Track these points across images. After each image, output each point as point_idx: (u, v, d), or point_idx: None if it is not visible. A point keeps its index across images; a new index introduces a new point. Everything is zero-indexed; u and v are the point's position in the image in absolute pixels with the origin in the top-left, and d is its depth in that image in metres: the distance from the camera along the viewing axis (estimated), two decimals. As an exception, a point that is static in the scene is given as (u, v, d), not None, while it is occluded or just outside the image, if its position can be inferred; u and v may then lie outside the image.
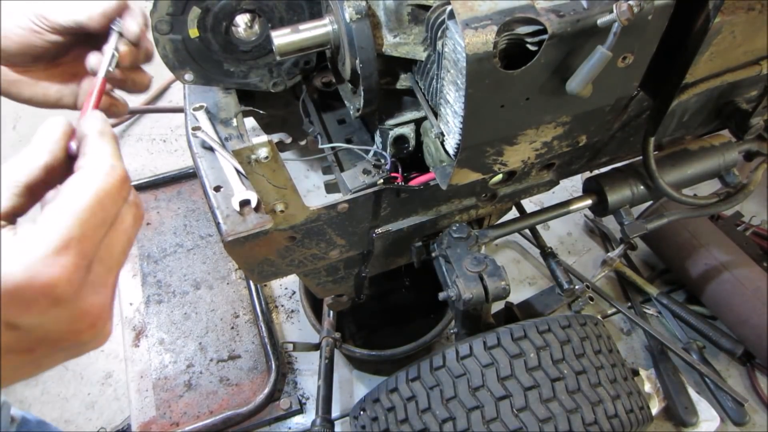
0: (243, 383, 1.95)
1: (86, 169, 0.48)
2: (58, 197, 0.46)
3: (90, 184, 0.47)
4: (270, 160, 1.07)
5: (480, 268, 1.19)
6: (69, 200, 0.46)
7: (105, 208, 0.48)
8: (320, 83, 1.41)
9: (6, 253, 0.43)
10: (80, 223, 0.46)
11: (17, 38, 0.77)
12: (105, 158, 0.49)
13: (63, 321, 0.46)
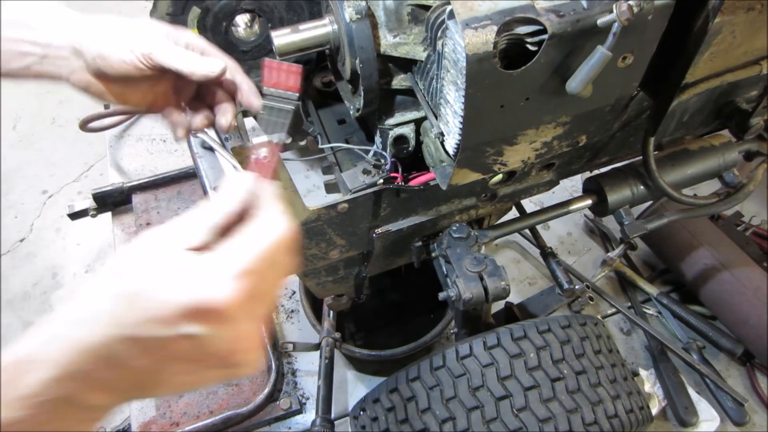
0: (243, 383, 1.95)
1: (270, 221, 0.57)
2: (241, 236, 0.55)
3: (273, 232, 0.56)
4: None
5: (480, 268, 1.19)
6: (254, 240, 0.55)
7: (279, 255, 0.56)
8: (320, 83, 1.41)
9: (192, 271, 0.51)
10: (260, 260, 0.54)
11: (117, 67, 0.80)
12: (284, 217, 0.58)
13: (227, 340, 0.53)
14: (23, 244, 2.66)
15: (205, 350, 0.53)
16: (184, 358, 0.53)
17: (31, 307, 2.43)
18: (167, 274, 0.51)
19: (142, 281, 0.51)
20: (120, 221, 2.22)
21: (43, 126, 3.15)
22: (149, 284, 0.51)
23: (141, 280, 0.51)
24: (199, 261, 0.53)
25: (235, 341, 0.54)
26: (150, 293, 0.51)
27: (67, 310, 0.52)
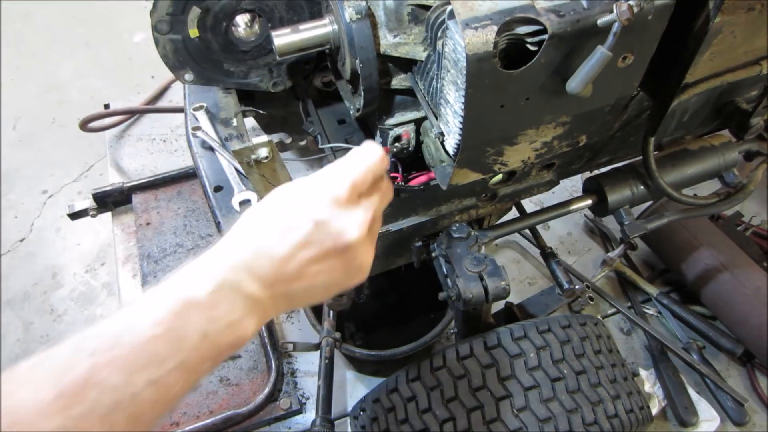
0: (243, 383, 1.95)
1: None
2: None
3: (364, 152, 0.73)
4: (270, 160, 1.07)
5: (480, 268, 1.19)
6: (351, 158, 0.73)
7: (367, 165, 0.72)
8: (320, 83, 1.41)
9: (338, 216, 0.68)
10: (353, 166, 0.72)
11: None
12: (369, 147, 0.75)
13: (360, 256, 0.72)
14: (23, 244, 2.65)
15: (324, 232, 0.67)
16: (312, 243, 0.67)
17: (31, 307, 2.43)
18: (332, 211, 0.68)
19: (320, 213, 0.68)
20: (120, 221, 2.22)
21: (43, 126, 3.15)
22: (324, 214, 0.68)
23: (319, 211, 0.68)
24: (350, 207, 0.69)
25: (345, 221, 0.68)
26: (322, 220, 0.67)
27: (249, 220, 0.68)
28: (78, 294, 2.47)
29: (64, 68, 3.47)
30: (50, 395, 0.49)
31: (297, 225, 0.66)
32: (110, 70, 3.44)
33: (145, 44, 3.52)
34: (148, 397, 0.54)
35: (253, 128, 1.61)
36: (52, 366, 0.52)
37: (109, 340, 0.54)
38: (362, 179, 0.71)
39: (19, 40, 3.65)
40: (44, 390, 0.50)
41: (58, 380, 0.51)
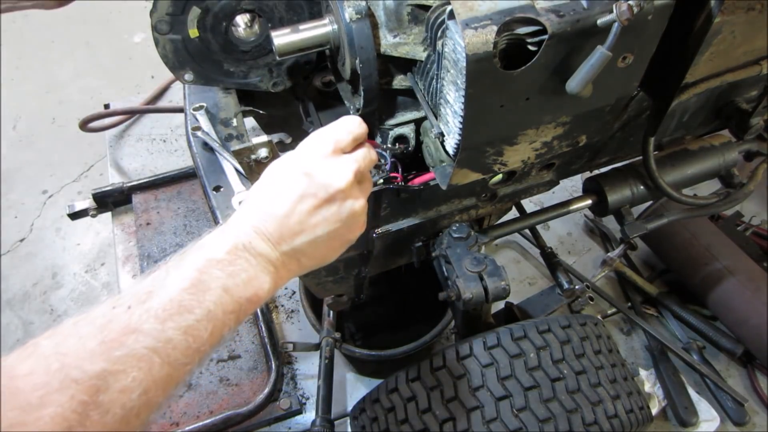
0: (243, 383, 1.95)
1: (367, 150, 0.86)
2: (358, 152, 0.84)
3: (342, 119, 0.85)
4: (270, 160, 1.07)
5: (480, 268, 1.19)
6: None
7: (343, 125, 0.83)
8: (320, 83, 1.41)
9: (332, 163, 0.79)
10: (331, 127, 0.83)
11: None
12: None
13: (350, 203, 0.80)
14: (23, 244, 2.66)
15: (314, 181, 0.76)
16: (305, 195, 0.76)
17: (31, 307, 2.43)
18: (320, 164, 0.79)
19: (310, 167, 0.78)
20: (120, 221, 2.23)
21: (43, 126, 3.15)
22: (313, 167, 0.78)
23: (308, 165, 0.78)
24: (335, 159, 0.80)
25: (329, 168, 0.78)
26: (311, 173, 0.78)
27: (252, 193, 0.79)
28: (78, 294, 2.47)
29: (64, 68, 3.47)
30: (94, 342, 0.57)
31: (291, 182, 0.76)
32: (110, 70, 3.44)
33: (145, 44, 3.52)
34: (181, 343, 0.61)
35: (253, 128, 1.61)
36: (93, 319, 0.60)
37: (143, 295, 0.62)
38: (342, 137, 0.81)
39: (19, 40, 3.65)
40: (89, 339, 0.57)
41: (100, 330, 0.58)
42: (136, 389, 0.56)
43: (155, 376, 0.58)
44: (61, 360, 0.54)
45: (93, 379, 0.54)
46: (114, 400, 0.55)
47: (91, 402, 0.53)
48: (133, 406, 0.56)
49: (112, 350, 0.57)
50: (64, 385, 0.53)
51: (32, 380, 0.52)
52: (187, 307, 0.62)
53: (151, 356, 0.58)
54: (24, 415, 0.50)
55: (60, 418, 0.51)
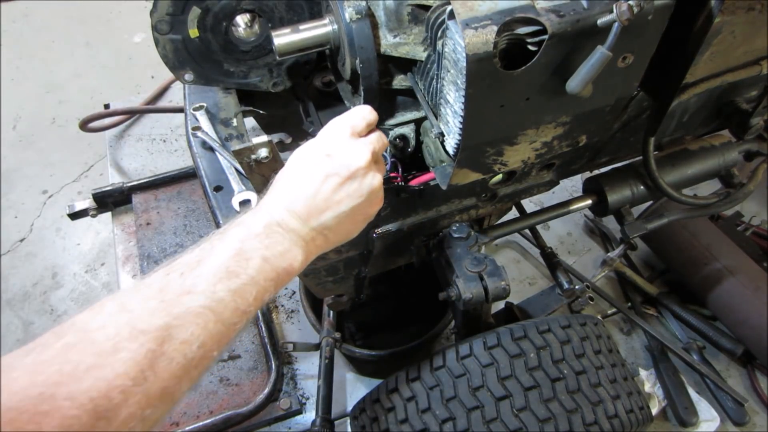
0: (243, 383, 1.95)
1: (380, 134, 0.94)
2: (372, 135, 0.93)
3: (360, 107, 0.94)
4: (270, 160, 1.07)
5: (480, 268, 1.19)
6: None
7: (359, 111, 0.92)
8: (320, 83, 1.41)
9: (353, 144, 0.89)
10: (349, 113, 0.92)
11: None
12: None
13: (370, 178, 0.89)
14: (23, 244, 2.66)
15: (337, 161, 0.85)
16: (329, 174, 0.84)
17: (31, 307, 2.43)
18: (340, 146, 0.88)
19: (331, 149, 0.87)
20: (120, 221, 2.22)
21: (43, 126, 3.15)
22: (334, 149, 0.87)
23: (330, 148, 0.87)
24: (354, 141, 0.89)
25: (351, 149, 0.87)
26: (333, 154, 0.86)
27: (280, 177, 0.87)
28: (78, 294, 2.47)
29: (64, 68, 3.47)
30: (155, 302, 0.64)
31: (315, 164, 0.85)
32: (110, 70, 3.44)
33: (145, 44, 3.52)
34: (230, 303, 0.69)
35: (253, 128, 1.61)
36: (150, 285, 0.67)
37: (194, 262, 0.70)
38: (357, 122, 0.90)
39: (19, 40, 3.65)
40: (149, 299, 0.65)
41: (159, 292, 0.66)
42: (194, 342, 0.64)
43: (210, 331, 0.66)
44: (127, 315, 0.62)
45: (158, 331, 0.62)
46: (177, 350, 0.62)
47: (158, 350, 0.61)
48: (193, 357, 0.64)
49: (172, 307, 0.65)
50: (133, 335, 0.60)
51: (105, 332, 0.59)
52: (233, 272, 0.71)
53: (206, 313, 0.66)
54: (101, 359, 0.57)
55: (132, 361, 0.58)
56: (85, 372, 0.56)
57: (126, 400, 0.57)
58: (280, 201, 0.83)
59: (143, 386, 0.59)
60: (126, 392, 0.57)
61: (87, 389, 0.55)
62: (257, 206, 0.84)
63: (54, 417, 0.52)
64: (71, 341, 0.58)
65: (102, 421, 0.55)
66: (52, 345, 0.58)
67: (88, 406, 0.54)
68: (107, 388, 0.56)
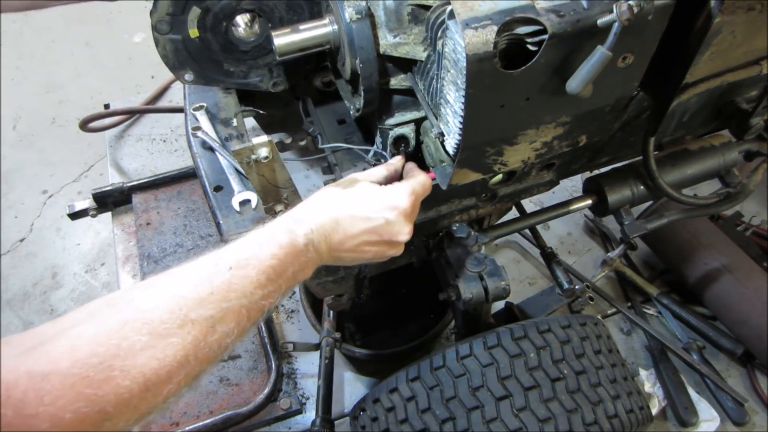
0: (243, 383, 1.95)
1: (419, 177, 1.04)
2: (407, 182, 1.01)
3: (423, 180, 1.04)
4: (270, 160, 1.07)
5: (480, 268, 1.19)
6: (414, 182, 1.01)
7: (423, 192, 1.02)
8: (320, 83, 1.41)
9: (384, 192, 0.97)
10: (416, 190, 1.00)
11: None
12: (425, 177, 1.05)
13: (400, 224, 0.97)
14: (23, 244, 2.66)
15: (389, 228, 0.95)
16: (376, 233, 0.94)
17: (31, 307, 2.43)
18: (398, 217, 0.96)
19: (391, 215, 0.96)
20: (120, 221, 2.22)
21: (43, 126, 3.15)
22: (393, 217, 0.96)
23: (391, 213, 0.96)
24: (408, 218, 0.98)
25: (403, 226, 0.97)
26: (390, 220, 0.95)
27: (332, 196, 0.95)
28: (78, 294, 2.47)
29: (64, 68, 3.47)
30: (205, 292, 0.70)
31: (372, 217, 0.93)
32: (110, 70, 3.44)
33: (145, 44, 3.52)
34: (262, 306, 0.76)
35: (253, 128, 1.61)
36: (200, 271, 0.74)
37: (242, 261, 0.76)
38: (420, 198, 1.01)
39: (19, 40, 3.65)
40: (200, 288, 0.71)
41: (208, 283, 0.72)
42: (230, 335, 0.71)
43: (243, 328, 0.73)
44: (179, 301, 0.69)
45: (205, 321, 0.69)
46: (216, 341, 0.70)
47: (202, 340, 0.68)
48: (227, 347, 0.71)
49: (219, 302, 0.71)
50: (184, 323, 0.67)
51: (158, 314, 0.66)
52: (272, 279, 0.78)
53: (243, 312, 0.73)
54: (154, 340, 0.64)
55: (180, 347, 0.66)
56: (140, 350, 0.63)
57: (170, 379, 0.65)
58: (323, 223, 0.90)
59: (186, 368, 0.66)
60: (171, 372, 0.65)
61: (140, 365, 0.62)
62: (301, 214, 0.90)
63: (110, 385, 0.59)
64: (126, 318, 0.65)
65: (149, 394, 0.63)
66: (109, 318, 0.65)
67: (139, 379, 0.62)
68: (157, 366, 0.63)
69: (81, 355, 0.59)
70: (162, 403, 0.65)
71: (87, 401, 0.58)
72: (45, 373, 0.57)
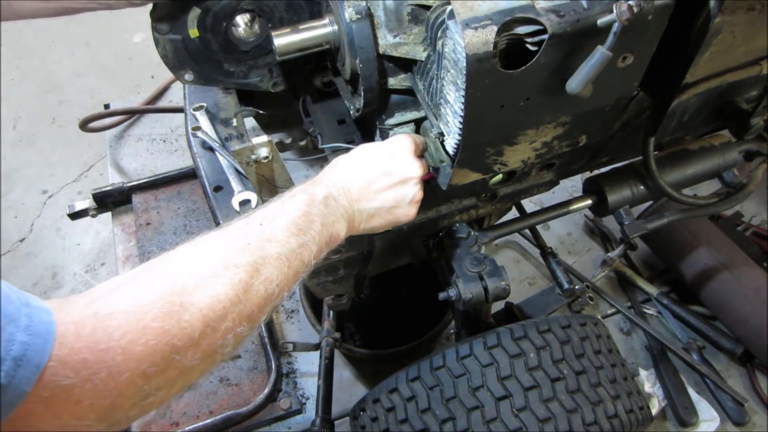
0: (243, 383, 1.95)
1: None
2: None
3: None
4: (270, 160, 1.07)
5: (480, 268, 1.19)
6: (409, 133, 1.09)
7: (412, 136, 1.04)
8: (320, 83, 1.41)
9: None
10: (408, 133, 1.08)
11: None
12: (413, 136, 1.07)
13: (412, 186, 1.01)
14: (23, 244, 2.65)
15: (397, 164, 0.98)
16: (388, 173, 0.98)
17: (31, 307, 2.43)
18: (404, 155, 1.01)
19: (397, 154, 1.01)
20: (120, 221, 2.22)
21: (43, 126, 3.15)
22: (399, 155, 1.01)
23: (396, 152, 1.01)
24: (414, 156, 1.02)
25: (410, 160, 1.00)
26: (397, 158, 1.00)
27: (344, 159, 1.00)
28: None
29: (64, 68, 3.47)
30: (242, 243, 0.76)
31: (380, 161, 0.98)
32: (110, 70, 3.44)
33: (145, 44, 3.52)
34: (299, 254, 0.81)
35: (253, 128, 1.61)
36: (234, 230, 0.79)
37: (270, 215, 0.82)
38: (419, 145, 1.04)
39: (19, 40, 3.65)
40: (237, 241, 0.76)
41: (244, 236, 0.77)
42: (274, 280, 0.76)
43: (285, 274, 0.78)
44: (221, 251, 0.74)
45: (248, 266, 0.73)
46: (262, 284, 0.74)
47: (249, 281, 0.72)
48: (272, 292, 0.75)
49: (257, 250, 0.76)
50: (229, 266, 0.72)
51: (205, 261, 0.71)
52: (302, 229, 0.83)
53: (282, 259, 0.78)
54: (205, 280, 0.69)
55: (229, 286, 0.70)
56: (194, 288, 0.67)
57: (226, 316, 0.69)
58: (339, 179, 0.95)
59: (238, 307, 0.70)
60: (226, 309, 0.69)
61: (197, 301, 0.66)
62: (317, 179, 0.95)
63: (172, 318, 0.63)
64: (176, 266, 0.70)
65: (208, 329, 0.67)
66: (159, 268, 0.70)
67: (197, 314, 0.66)
68: (213, 302, 0.68)
69: (141, 295, 0.64)
70: (222, 341, 0.69)
71: (154, 334, 0.61)
72: (110, 312, 0.60)
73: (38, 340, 0.54)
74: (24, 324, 0.53)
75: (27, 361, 0.52)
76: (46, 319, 0.55)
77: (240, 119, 1.26)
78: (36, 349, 0.53)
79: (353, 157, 1.00)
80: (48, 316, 0.56)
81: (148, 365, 0.60)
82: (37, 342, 0.53)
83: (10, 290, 0.55)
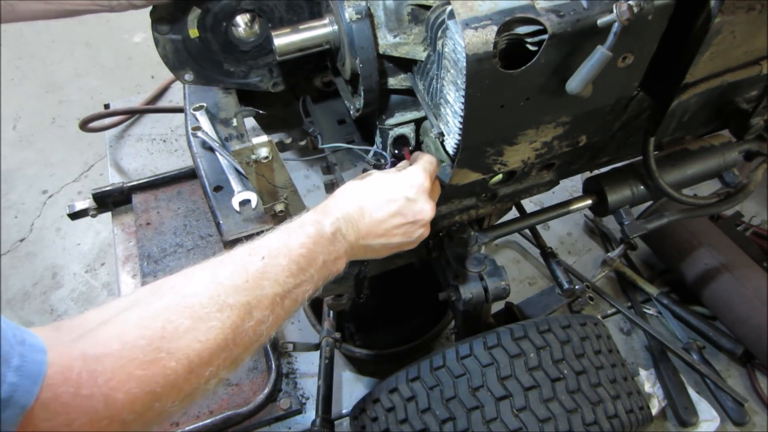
0: (243, 383, 1.95)
1: (425, 156, 1.04)
2: (416, 163, 1.02)
3: (429, 158, 1.03)
4: (270, 160, 1.07)
5: (480, 268, 1.19)
6: (422, 162, 1.01)
7: (432, 168, 1.01)
8: (320, 83, 1.41)
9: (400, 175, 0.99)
10: (427, 168, 1.00)
11: None
12: (430, 155, 1.06)
13: (422, 204, 0.98)
14: (23, 244, 2.65)
15: (412, 206, 0.96)
16: (401, 213, 0.96)
17: (31, 307, 2.43)
18: (418, 195, 0.98)
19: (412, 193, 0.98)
20: (120, 221, 2.22)
21: (43, 126, 3.15)
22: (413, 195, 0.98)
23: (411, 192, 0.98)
24: (427, 195, 0.99)
25: (424, 203, 0.98)
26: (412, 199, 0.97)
27: (355, 188, 0.98)
28: (78, 294, 2.47)
29: (64, 68, 3.47)
30: (240, 280, 0.74)
31: (394, 199, 0.96)
32: (110, 70, 3.44)
33: (145, 44, 3.52)
34: (294, 295, 0.80)
35: (253, 128, 1.61)
36: (235, 260, 0.78)
37: (274, 251, 0.80)
38: (432, 174, 1.01)
39: (19, 40, 3.65)
40: (236, 276, 0.75)
41: (244, 271, 0.76)
42: (266, 322, 0.75)
43: (276, 315, 0.77)
44: (217, 287, 0.72)
45: (242, 307, 0.72)
46: (253, 327, 0.73)
47: (240, 325, 0.71)
48: (261, 334, 0.75)
49: (254, 289, 0.75)
50: (223, 308, 0.70)
51: (199, 299, 0.70)
52: (302, 269, 0.82)
53: (276, 300, 0.77)
54: (196, 323, 0.68)
55: (220, 331, 0.69)
56: (183, 333, 0.66)
57: (211, 361, 0.68)
58: (350, 211, 0.93)
59: (225, 352, 0.70)
60: (213, 355, 0.68)
61: (184, 347, 0.65)
62: (328, 207, 0.94)
63: (157, 366, 0.63)
64: (169, 303, 0.69)
65: (192, 375, 0.66)
66: (153, 303, 0.68)
67: (183, 361, 0.65)
68: (200, 349, 0.67)
69: (130, 338, 0.63)
70: (204, 384, 0.68)
71: (137, 382, 0.61)
72: (98, 356, 0.60)
73: (27, 381, 0.54)
74: (15, 364, 0.53)
75: (14, 403, 0.52)
76: (39, 359, 0.56)
77: (240, 119, 1.26)
78: (25, 390, 0.53)
79: (367, 188, 0.98)
80: (42, 355, 0.56)
81: (127, 413, 0.61)
82: (26, 384, 0.53)
83: (8, 327, 0.55)
